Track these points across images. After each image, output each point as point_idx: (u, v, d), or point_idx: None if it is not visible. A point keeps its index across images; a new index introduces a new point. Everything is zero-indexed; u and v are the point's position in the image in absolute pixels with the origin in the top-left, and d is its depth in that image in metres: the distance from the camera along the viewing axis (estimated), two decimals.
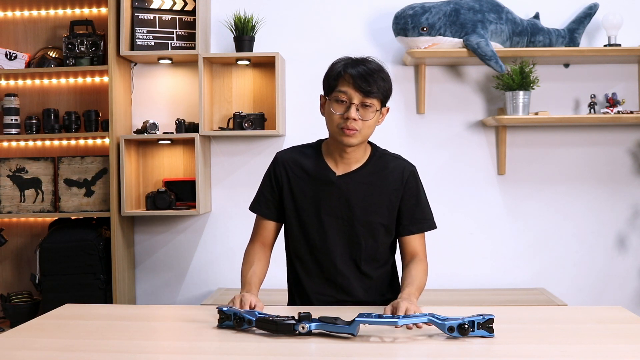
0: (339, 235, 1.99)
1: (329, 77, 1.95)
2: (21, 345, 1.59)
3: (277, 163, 2.07)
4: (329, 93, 1.95)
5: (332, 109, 1.92)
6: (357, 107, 1.89)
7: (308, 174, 2.02)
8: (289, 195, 2.03)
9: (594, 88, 3.27)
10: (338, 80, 1.91)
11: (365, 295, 2.02)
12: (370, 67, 1.91)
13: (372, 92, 1.88)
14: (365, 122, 1.90)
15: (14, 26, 3.42)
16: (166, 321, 1.93)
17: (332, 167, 2.01)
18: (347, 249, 2.00)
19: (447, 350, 1.52)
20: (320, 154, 2.04)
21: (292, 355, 1.49)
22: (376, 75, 1.90)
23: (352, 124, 1.89)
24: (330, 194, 1.99)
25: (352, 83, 1.88)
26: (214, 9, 3.37)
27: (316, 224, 2.00)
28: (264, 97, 3.33)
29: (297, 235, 2.03)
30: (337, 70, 1.92)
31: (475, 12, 3.09)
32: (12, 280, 3.43)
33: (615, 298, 3.30)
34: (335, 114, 1.91)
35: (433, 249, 2.16)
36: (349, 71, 1.90)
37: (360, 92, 1.88)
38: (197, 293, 3.42)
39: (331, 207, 1.99)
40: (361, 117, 1.90)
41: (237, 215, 3.36)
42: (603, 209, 3.33)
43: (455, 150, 3.34)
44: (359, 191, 1.99)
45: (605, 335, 1.64)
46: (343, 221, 1.99)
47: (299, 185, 2.02)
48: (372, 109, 1.91)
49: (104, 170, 3.24)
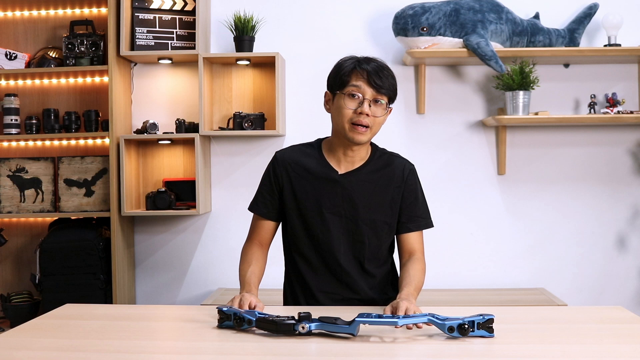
0: (343, 233, 1.99)
1: (340, 73, 1.94)
2: (21, 345, 1.59)
3: (276, 162, 2.06)
4: (340, 88, 1.94)
5: (345, 103, 1.92)
6: (370, 102, 1.91)
7: (310, 172, 2.01)
8: (291, 195, 2.02)
9: (594, 88, 3.27)
10: (351, 75, 1.92)
11: (370, 293, 2.03)
12: (380, 64, 1.94)
13: (384, 88, 1.91)
14: (376, 119, 1.92)
15: (14, 26, 3.42)
16: (166, 321, 1.93)
17: (334, 165, 2.01)
18: (351, 247, 2.00)
19: (447, 350, 1.52)
20: (321, 153, 2.04)
21: (292, 355, 1.49)
22: (386, 72, 1.93)
23: (365, 119, 1.90)
24: (333, 192, 1.99)
25: (365, 78, 1.90)
26: (214, 9, 3.37)
27: (319, 223, 2.00)
28: (264, 97, 3.33)
29: (299, 234, 2.02)
30: (350, 66, 1.93)
31: (475, 12, 3.09)
32: (12, 280, 3.43)
33: (615, 298, 3.30)
34: (348, 109, 1.91)
35: (433, 249, 2.17)
36: (362, 67, 1.91)
37: (374, 87, 1.90)
38: (197, 293, 3.42)
39: (334, 205, 1.99)
40: (373, 113, 1.91)
41: (237, 215, 3.36)
42: (603, 209, 3.33)
43: (455, 150, 3.34)
44: (363, 189, 1.99)
45: (605, 335, 1.64)
46: (347, 220, 1.99)
47: (301, 184, 2.01)
48: (382, 105, 1.92)
49: (104, 170, 3.24)
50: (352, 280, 2.01)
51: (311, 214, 2.00)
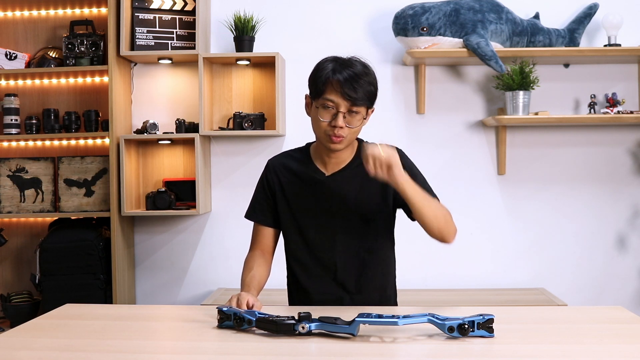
0: (337, 232, 2.00)
1: (316, 81, 1.90)
2: (21, 345, 1.59)
3: (268, 170, 2.08)
4: (315, 97, 1.91)
5: (319, 115, 1.89)
6: (344, 114, 1.88)
7: (298, 176, 2.03)
8: (283, 200, 2.04)
9: (594, 88, 3.27)
10: (326, 86, 1.87)
11: (367, 291, 2.03)
12: (356, 72, 1.87)
13: (359, 100, 1.86)
14: (352, 129, 1.90)
15: (14, 26, 3.42)
16: (166, 321, 1.93)
17: (320, 168, 2.02)
18: (346, 245, 2.00)
19: (447, 350, 1.52)
20: (309, 157, 2.05)
21: (292, 355, 1.49)
22: (362, 80, 1.86)
23: (339, 131, 1.88)
24: (321, 193, 2.00)
25: (339, 91, 1.85)
26: (214, 9, 3.37)
27: (314, 225, 2.00)
28: (264, 97, 3.33)
29: (295, 238, 2.03)
30: (325, 75, 1.88)
31: (475, 12, 3.09)
32: (12, 280, 3.43)
33: (615, 298, 3.30)
34: (323, 121, 1.89)
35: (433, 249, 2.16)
36: (336, 77, 1.85)
37: (348, 100, 1.85)
38: (197, 293, 3.42)
39: (325, 206, 2.00)
40: (348, 124, 1.88)
41: (237, 215, 3.34)
42: (603, 209, 3.33)
43: (455, 150, 3.34)
44: (351, 186, 1.99)
45: (605, 335, 1.63)
46: (339, 218, 2.00)
47: (291, 189, 2.03)
48: (358, 115, 1.89)
49: (104, 170, 3.24)
50: (348, 279, 2.01)
51: (305, 217, 2.01)
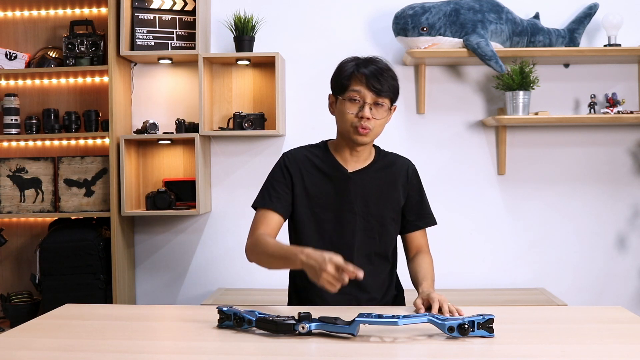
0: (356, 230, 2.02)
1: (341, 77, 1.97)
2: (21, 345, 1.59)
3: (288, 160, 2.06)
4: (341, 92, 1.97)
5: (346, 108, 1.95)
6: (370, 106, 1.93)
7: (321, 170, 2.04)
8: (303, 193, 2.03)
9: (594, 88, 3.27)
10: (351, 80, 1.94)
11: (376, 291, 2.05)
12: (380, 66, 1.95)
13: (384, 91, 1.93)
14: (378, 121, 1.95)
15: (14, 26, 3.42)
16: (166, 321, 1.93)
17: (343, 164, 2.05)
18: (363, 244, 2.03)
19: (447, 350, 1.52)
20: (329, 153, 2.07)
21: (292, 355, 1.49)
22: (386, 74, 1.94)
23: (366, 122, 1.93)
24: (345, 190, 2.02)
25: (364, 82, 1.92)
26: (214, 9, 3.37)
27: (333, 220, 2.02)
28: (264, 97, 3.33)
29: (310, 232, 2.02)
30: (349, 69, 1.95)
31: (475, 12, 3.09)
32: (12, 280, 3.43)
33: (615, 298, 3.30)
34: (349, 114, 1.94)
35: (433, 249, 2.17)
36: (361, 70, 1.93)
37: (373, 91, 1.92)
38: (197, 293, 3.42)
39: (347, 202, 2.02)
40: (374, 116, 1.94)
41: (237, 215, 3.36)
42: (603, 209, 3.33)
43: (455, 150, 3.34)
44: (372, 186, 2.04)
45: (605, 335, 1.64)
46: (359, 216, 2.02)
47: (313, 182, 2.03)
48: (384, 107, 1.95)
49: (104, 170, 3.24)
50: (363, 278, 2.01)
51: (324, 211, 2.02)
